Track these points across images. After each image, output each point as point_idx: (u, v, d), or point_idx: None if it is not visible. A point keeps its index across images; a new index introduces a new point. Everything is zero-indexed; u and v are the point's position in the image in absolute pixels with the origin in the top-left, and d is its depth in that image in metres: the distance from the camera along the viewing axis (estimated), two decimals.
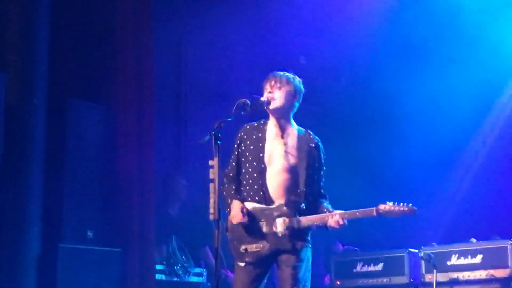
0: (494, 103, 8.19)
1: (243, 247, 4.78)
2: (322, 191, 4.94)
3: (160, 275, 6.90)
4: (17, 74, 6.39)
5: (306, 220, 4.72)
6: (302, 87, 4.97)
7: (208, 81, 8.20)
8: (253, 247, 4.75)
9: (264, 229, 4.76)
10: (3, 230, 6.08)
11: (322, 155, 4.95)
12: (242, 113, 4.70)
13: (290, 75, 4.93)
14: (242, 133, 4.99)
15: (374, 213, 4.66)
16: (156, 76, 7.21)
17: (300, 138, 4.91)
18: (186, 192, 7.55)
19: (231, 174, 4.95)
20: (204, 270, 7.29)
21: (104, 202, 6.67)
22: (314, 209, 4.82)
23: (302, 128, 4.99)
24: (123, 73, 7.04)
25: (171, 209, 7.44)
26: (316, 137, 4.98)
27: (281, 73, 4.93)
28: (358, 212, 4.71)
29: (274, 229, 4.73)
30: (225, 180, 4.96)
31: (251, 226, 4.78)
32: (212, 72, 8.25)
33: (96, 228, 6.54)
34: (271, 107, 4.86)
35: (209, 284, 7.24)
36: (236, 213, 4.77)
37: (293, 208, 4.74)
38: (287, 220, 4.71)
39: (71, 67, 6.91)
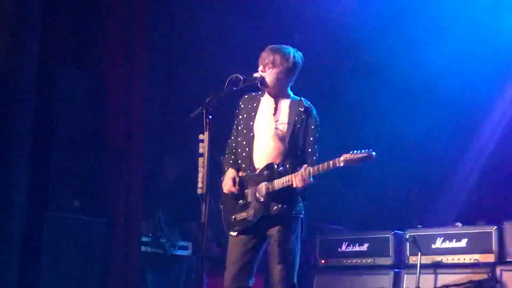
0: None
1: (233, 216, 4.85)
2: (309, 157, 4.84)
3: (145, 247, 6.91)
4: (7, 40, 6.34)
5: (278, 183, 4.72)
6: (299, 60, 4.91)
7: (200, 50, 8.13)
8: (241, 215, 4.82)
9: (249, 196, 4.81)
10: None
11: (311, 120, 4.88)
12: (234, 88, 4.71)
13: (286, 51, 4.87)
14: (240, 103, 5.05)
15: (338, 164, 4.60)
16: (147, 44, 7.17)
17: (291, 106, 4.90)
18: (174, 169, 7.53)
19: (233, 144, 5.01)
20: (190, 243, 7.30)
21: (92, 171, 6.66)
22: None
23: (296, 96, 4.98)
24: (114, 41, 7.00)
25: (161, 185, 7.43)
26: (308, 102, 4.94)
27: (278, 48, 4.88)
28: (324, 165, 4.64)
29: (258, 195, 4.77)
30: (226, 150, 5.04)
31: (240, 196, 4.85)
32: (205, 42, 8.18)
33: (83, 198, 6.52)
34: (262, 85, 4.88)
35: (194, 257, 7.26)
36: (227, 181, 4.85)
37: (273, 172, 4.76)
38: (267, 184, 4.74)
39: (62, 34, 6.87)
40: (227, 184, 4.85)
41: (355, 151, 4.59)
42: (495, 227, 6.28)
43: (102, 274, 6.58)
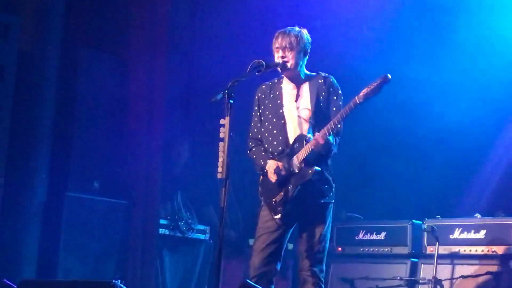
0: None
1: (273, 200, 4.89)
2: (334, 127, 4.83)
3: (163, 229, 6.94)
4: (32, 20, 6.38)
5: (304, 150, 4.78)
6: (309, 37, 5.01)
7: (224, 32, 8.11)
8: (281, 195, 4.85)
9: (285, 173, 4.84)
10: (11, 176, 6.11)
11: (332, 90, 4.97)
12: (257, 73, 4.72)
13: (297, 30, 4.95)
14: (259, 94, 5.10)
15: (358, 101, 4.64)
16: (170, 26, 7.16)
17: (311, 86, 4.97)
18: (188, 154, 7.55)
19: (259, 136, 5.06)
20: (208, 228, 7.33)
21: (112, 154, 6.69)
22: None
23: (312, 73, 5.05)
24: (137, 24, 7.01)
25: (175, 170, 7.45)
26: (324, 74, 5.03)
27: (288, 30, 4.94)
28: (344, 110, 4.68)
29: (292, 169, 4.82)
30: (251, 143, 5.08)
31: (277, 180, 4.87)
32: (228, 23, 8.16)
33: (102, 179, 6.56)
34: (286, 69, 4.92)
35: (211, 241, 7.29)
36: (272, 175, 4.86)
37: (302, 142, 4.83)
38: (297, 155, 4.81)
39: (86, 16, 6.88)
40: (274, 176, 4.85)
41: (371, 82, 4.62)
42: None
43: (120, 256, 6.63)
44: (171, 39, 7.21)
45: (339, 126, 4.77)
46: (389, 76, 4.60)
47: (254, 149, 5.06)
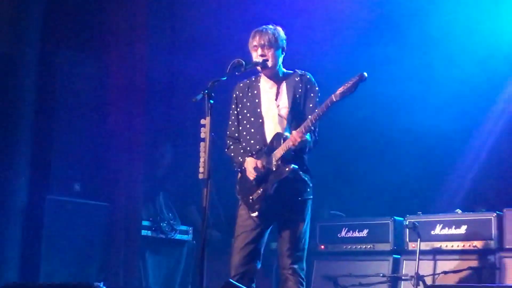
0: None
1: (250, 197, 4.90)
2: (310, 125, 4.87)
3: (146, 231, 6.92)
4: (10, 22, 6.33)
5: (281, 148, 4.80)
6: (283, 34, 5.03)
7: (204, 33, 8.10)
8: (257, 193, 4.87)
9: (263, 170, 4.85)
10: None
11: (310, 86, 4.99)
12: (237, 73, 4.74)
13: (273, 29, 4.97)
14: (237, 92, 5.11)
15: (334, 99, 4.64)
16: (150, 28, 7.15)
17: (288, 83, 4.99)
18: (171, 156, 7.54)
19: (236, 134, 5.07)
20: (190, 228, 7.32)
21: (93, 155, 6.67)
22: None
23: (289, 71, 5.07)
24: (116, 24, 6.98)
25: (158, 171, 7.43)
26: (301, 71, 5.04)
27: (264, 29, 4.96)
28: (318, 110, 4.71)
29: (269, 167, 4.83)
30: (229, 142, 5.10)
31: (255, 177, 4.89)
32: (208, 24, 8.15)
33: (83, 182, 6.54)
34: (266, 67, 4.94)
35: (194, 242, 7.28)
36: (251, 170, 4.88)
37: (279, 140, 4.84)
38: (275, 152, 4.82)
39: (64, 18, 6.83)
40: (252, 173, 4.87)
41: (347, 81, 4.62)
42: (495, 214, 6.29)
43: (102, 258, 6.60)
44: (150, 40, 7.19)
45: (315, 124, 4.77)
46: (365, 74, 4.61)
47: (232, 147, 5.07)
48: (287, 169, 4.78)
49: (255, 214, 4.87)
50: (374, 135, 8.06)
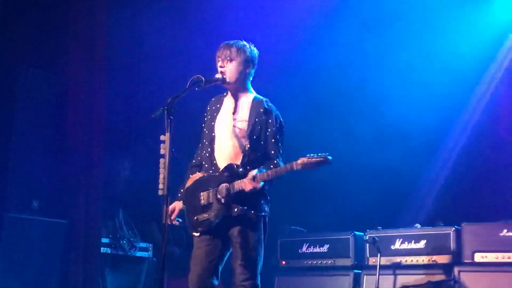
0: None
1: (195, 217, 4.84)
2: (272, 158, 4.86)
3: (105, 248, 6.86)
4: None
5: (236, 186, 4.74)
6: (255, 52, 4.98)
7: (163, 51, 8.10)
8: (203, 216, 4.82)
9: (211, 197, 4.81)
10: None
11: (272, 121, 4.90)
12: (196, 89, 4.73)
13: (241, 43, 4.94)
14: (208, 107, 5.07)
15: (294, 167, 4.62)
16: (109, 46, 7.12)
17: (253, 105, 4.93)
18: (128, 172, 7.49)
19: (198, 158, 5.04)
20: (150, 245, 7.27)
21: (51, 172, 6.59)
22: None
23: (259, 96, 5.01)
24: (75, 42, 6.94)
25: (117, 188, 7.38)
26: (269, 103, 4.96)
27: (232, 42, 4.93)
28: (280, 169, 4.68)
29: (219, 196, 4.77)
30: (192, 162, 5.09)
31: (200, 196, 4.85)
32: (167, 43, 8.15)
33: (42, 199, 6.46)
34: (224, 83, 4.91)
35: (154, 259, 7.23)
36: (170, 213, 4.88)
37: (233, 173, 4.78)
38: (226, 185, 4.75)
39: (23, 34, 6.77)
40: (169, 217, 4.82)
41: (312, 155, 4.59)
42: (453, 228, 6.36)
43: (61, 276, 6.52)
44: (110, 56, 7.16)
45: (271, 179, 4.71)
46: (330, 159, 4.59)
47: (193, 161, 5.06)
48: (235, 209, 4.74)
49: (196, 234, 4.84)
50: (335, 150, 8.11)
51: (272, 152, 4.88)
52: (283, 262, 7.19)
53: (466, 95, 8.22)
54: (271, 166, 4.76)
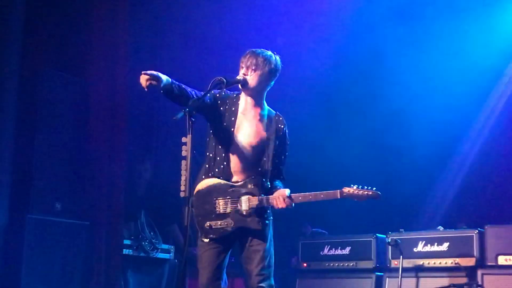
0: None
1: (207, 223, 4.81)
2: (282, 175, 4.98)
3: (127, 250, 6.88)
4: None
5: (264, 201, 4.76)
6: (279, 65, 4.94)
7: (185, 53, 8.13)
8: (217, 224, 4.80)
9: (229, 206, 4.79)
10: None
11: (287, 140, 5.01)
12: (218, 90, 4.72)
13: (268, 54, 4.89)
14: (219, 101, 4.92)
15: (338, 195, 4.72)
16: (131, 47, 7.15)
17: (269, 119, 4.94)
18: (150, 174, 7.50)
19: (208, 153, 4.98)
20: (172, 247, 7.29)
21: (74, 174, 6.62)
22: (270, 189, 4.90)
23: (272, 110, 5.03)
24: (97, 44, 6.97)
25: (138, 190, 7.39)
26: (284, 120, 5.01)
27: (259, 51, 4.88)
28: (322, 194, 4.77)
29: (239, 207, 4.77)
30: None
31: (215, 203, 4.82)
32: (190, 43, 8.18)
33: (64, 201, 6.49)
34: (245, 88, 4.87)
35: (176, 261, 7.24)
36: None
37: (260, 187, 4.79)
38: (252, 198, 4.76)
39: (45, 37, 6.82)
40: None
41: (363, 188, 4.80)
42: (476, 231, 6.31)
43: (83, 278, 6.54)
44: (132, 59, 7.18)
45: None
46: (380, 194, 4.76)
47: None
48: (259, 223, 4.76)
49: (206, 240, 4.81)
50: (355, 153, 8.09)
51: (281, 167, 4.97)
52: (305, 264, 7.18)
53: (486, 95, 8.17)
54: (281, 180, 4.90)
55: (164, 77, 4.63)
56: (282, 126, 4.95)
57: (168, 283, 7.24)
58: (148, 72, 4.60)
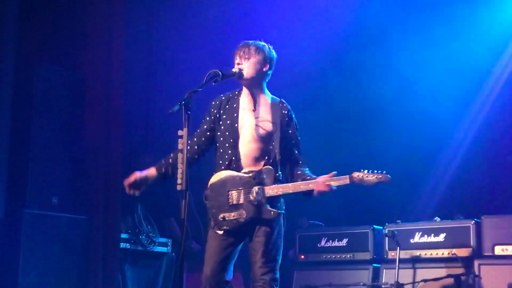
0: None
1: (221, 215, 4.80)
2: (300, 159, 4.94)
3: (124, 244, 6.89)
4: None
5: (283, 188, 4.75)
6: (273, 54, 4.96)
7: (180, 46, 8.13)
8: (231, 215, 4.78)
9: (242, 197, 4.79)
10: None
11: (295, 124, 4.98)
12: (213, 84, 4.72)
13: (260, 44, 4.93)
14: (216, 103, 5.00)
15: (348, 181, 4.69)
16: (127, 41, 7.14)
17: (273, 106, 4.93)
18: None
19: (195, 146, 4.99)
20: (169, 240, 7.29)
21: (70, 168, 6.62)
22: (291, 177, 4.89)
23: (276, 97, 5.01)
24: (93, 37, 6.95)
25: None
26: (288, 105, 4.99)
27: (251, 42, 4.92)
28: (332, 181, 4.74)
29: (251, 198, 4.75)
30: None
31: (229, 194, 4.81)
32: (184, 38, 8.18)
33: (61, 195, 6.49)
34: (242, 79, 4.87)
35: (173, 254, 7.25)
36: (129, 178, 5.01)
37: (270, 176, 4.77)
38: (263, 188, 4.74)
39: (41, 31, 6.80)
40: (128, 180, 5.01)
41: (372, 172, 4.75)
42: (473, 221, 6.33)
43: (81, 272, 6.55)
44: (128, 52, 7.18)
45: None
46: (390, 178, 4.74)
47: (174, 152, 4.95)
48: (272, 213, 4.74)
49: (221, 232, 4.79)
50: (351, 146, 8.11)
51: (295, 151, 4.93)
52: (302, 256, 7.19)
53: (481, 83, 8.18)
54: (302, 165, 4.90)
55: (151, 173, 5.08)
56: (287, 112, 4.94)
57: (166, 277, 7.25)
58: (131, 179, 5.07)
